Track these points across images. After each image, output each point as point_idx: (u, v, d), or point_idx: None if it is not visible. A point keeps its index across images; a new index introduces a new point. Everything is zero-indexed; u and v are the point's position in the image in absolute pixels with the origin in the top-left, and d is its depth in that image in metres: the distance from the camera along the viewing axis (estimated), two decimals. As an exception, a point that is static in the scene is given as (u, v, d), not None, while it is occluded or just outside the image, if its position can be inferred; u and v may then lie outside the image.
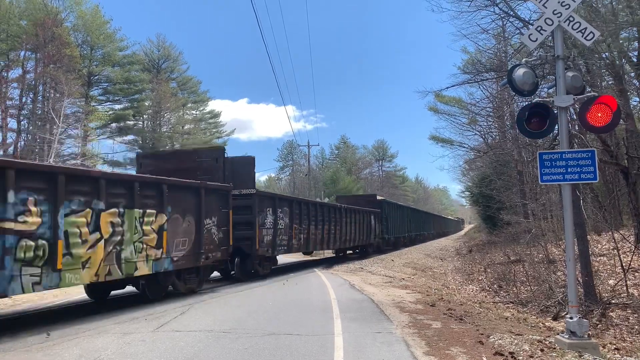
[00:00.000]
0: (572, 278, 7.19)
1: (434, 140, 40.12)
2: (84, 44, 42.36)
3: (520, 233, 23.36)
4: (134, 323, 8.22)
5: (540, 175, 7.45)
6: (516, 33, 17.80)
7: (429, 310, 9.70)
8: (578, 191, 12.12)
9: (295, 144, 71.29)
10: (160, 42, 53.55)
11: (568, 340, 6.69)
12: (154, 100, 48.48)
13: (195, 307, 9.87)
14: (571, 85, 7.36)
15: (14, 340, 7.07)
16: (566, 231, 7.37)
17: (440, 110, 36.27)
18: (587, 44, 7.68)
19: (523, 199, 26.52)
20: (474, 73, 22.19)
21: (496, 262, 23.05)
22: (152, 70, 51.02)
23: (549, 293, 13.25)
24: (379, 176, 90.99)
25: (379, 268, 21.03)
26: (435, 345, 6.62)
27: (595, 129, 7.54)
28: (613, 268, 14.56)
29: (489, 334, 7.28)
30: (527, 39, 7.64)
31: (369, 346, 6.48)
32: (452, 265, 28.24)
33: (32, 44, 34.86)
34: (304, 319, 8.47)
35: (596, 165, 7.22)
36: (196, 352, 6.23)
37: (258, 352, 6.19)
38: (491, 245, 32.21)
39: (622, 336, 10.00)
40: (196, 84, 57.76)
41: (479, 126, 34.26)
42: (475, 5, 16.36)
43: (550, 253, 18.35)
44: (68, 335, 7.34)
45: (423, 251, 38.15)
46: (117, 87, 45.68)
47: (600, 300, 11.57)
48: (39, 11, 36.13)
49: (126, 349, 6.40)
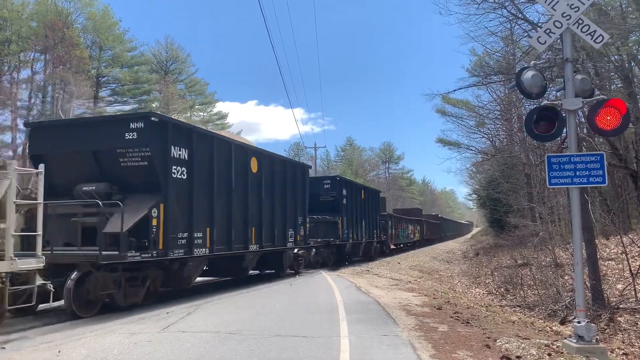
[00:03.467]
0: (580, 282, 7.14)
1: (441, 142, 40.05)
2: (93, 45, 42.67)
3: (528, 236, 23.23)
4: (140, 323, 8.26)
5: (549, 179, 7.41)
6: (524, 36, 17.76)
7: (435, 314, 9.66)
8: (586, 195, 12.05)
9: (302, 146, 71.39)
10: (169, 44, 53.79)
11: (576, 345, 6.64)
12: (161, 101, 48.71)
13: (201, 308, 9.90)
14: (580, 88, 7.32)
15: (21, 339, 7.12)
16: (574, 235, 7.33)
17: (448, 112, 36.18)
18: (596, 47, 7.66)
19: (530, 202, 26.38)
20: (482, 76, 22.17)
21: (503, 265, 22.93)
22: (160, 72, 51.27)
23: (556, 297, 13.17)
24: (386, 178, 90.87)
25: (385, 271, 20.99)
26: (442, 348, 6.60)
27: (604, 132, 7.50)
28: (621, 272, 14.44)
29: (496, 338, 7.24)
30: (536, 41, 7.61)
31: (375, 349, 6.47)
32: (458, 269, 28.14)
33: (41, 46, 35.16)
34: (310, 321, 8.47)
35: (605, 169, 7.18)
36: (202, 352, 6.25)
37: (264, 353, 6.20)
38: (498, 248, 32.06)
39: (631, 341, 9.91)
40: (204, 85, 58.01)
41: (486, 129, 34.16)
42: (484, 8, 16.34)
43: (557, 257, 18.23)
44: (75, 335, 7.38)
45: (429, 254, 38.04)
46: (125, 88, 45.95)
47: (608, 305, 11.48)
48: (49, 13, 36.45)
49: (133, 349, 6.43)
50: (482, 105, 30.35)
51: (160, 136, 10.53)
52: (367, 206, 26.41)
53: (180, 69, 54.90)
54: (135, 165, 10.35)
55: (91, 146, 10.54)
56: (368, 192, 27.48)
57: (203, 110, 58.64)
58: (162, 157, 10.54)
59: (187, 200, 11.28)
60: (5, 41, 34.65)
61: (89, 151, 10.53)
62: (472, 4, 16.60)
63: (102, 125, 10.92)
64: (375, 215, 28.16)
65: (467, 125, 34.80)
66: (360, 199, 25.22)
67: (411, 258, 31.49)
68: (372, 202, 27.62)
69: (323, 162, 74.86)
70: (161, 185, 10.42)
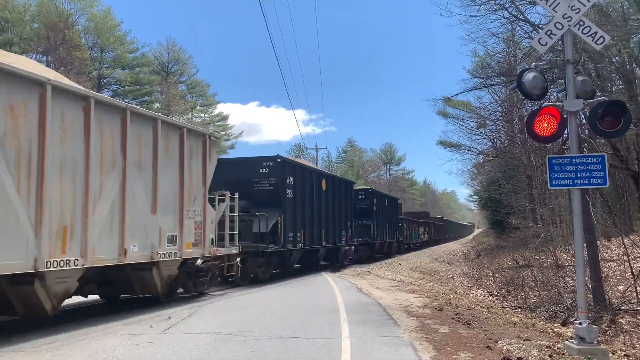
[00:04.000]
0: (582, 283, 7.14)
1: (442, 144, 39.97)
2: (94, 47, 42.74)
3: (529, 238, 23.22)
4: (142, 324, 8.26)
5: (550, 180, 7.41)
6: (526, 37, 17.79)
7: (436, 315, 9.66)
8: (587, 196, 12.04)
9: (303, 147, 71.41)
10: (170, 46, 53.86)
11: (577, 346, 6.64)
12: (162, 102, 48.77)
13: (203, 309, 9.90)
14: (581, 89, 7.32)
15: (23, 340, 7.13)
16: (575, 236, 7.32)
17: (449, 114, 36.08)
18: (598, 48, 7.66)
19: (532, 203, 26.36)
20: (484, 77, 22.16)
21: (504, 266, 22.90)
22: (161, 73, 51.33)
23: (557, 298, 13.14)
24: (387, 179, 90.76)
25: (386, 272, 20.99)
26: (443, 349, 6.60)
27: (605, 133, 7.50)
28: (623, 274, 14.42)
29: (497, 339, 7.24)
30: (537, 43, 7.62)
31: (376, 350, 6.47)
32: (459, 270, 28.11)
33: (43, 47, 35.22)
34: (311, 322, 8.47)
35: (606, 170, 7.17)
36: (203, 354, 6.25)
37: (265, 354, 6.20)
38: (499, 249, 32.02)
39: (632, 343, 9.89)
40: (205, 87, 58.02)
41: (487, 130, 34.09)
42: (485, 9, 16.36)
43: (559, 258, 18.20)
44: (77, 336, 7.39)
45: (431, 255, 38.01)
46: (127, 89, 46.01)
47: (609, 306, 11.46)
48: (51, 14, 36.52)
49: (134, 350, 6.44)
50: (484, 106, 30.40)
51: (281, 170, 16.16)
52: (389, 212, 31.47)
53: (182, 71, 54.97)
54: (264, 189, 16.00)
55: (235, 177, 15.63)
56: (389, 199, 33.15)
57: (204, 112, 58.67)
58: (282, 184, 16.05)
59: (293, 212, 16.68)
60: (7, 43, 34.73)
61: (234, 180, 15.20)
62: (473, 6, 16.65)
63: (245, 163, 16.67)
64: (395, 219, 33.27)
65: (469, 126, 34.75)
66: (384, 205, 30.22)
67: (412, 259, 31.48)
68: (393, 208, 33.03)
69: (324, 163, 74.89)
70: (281, 202, 15.91)
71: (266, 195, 15.82)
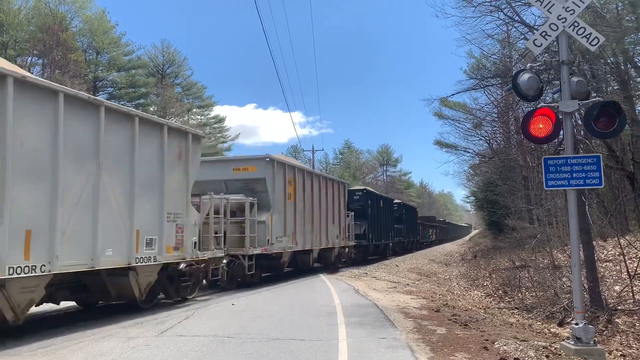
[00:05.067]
0: (578, 284, 7.16)
1: (438, 145, 40.09)
2: (89, 49, 42.65)
3: (526, 238, 23.24)
4: (138, 327, 8.24)
5: (545, 181, 7.43)
6: (521, 38, 17.86)
7: (433, 316, 9.67)
8: (583, 197, 12.08)
9: (300, 149, 71.43)
10: (165, 48, 53.80)
11: (574, 347, 6.65)
12: (159, 105, 48.70)
13: (199, 312, 9.88)
14: (576, 90, 7.35)
15: (20, 344, 7.09)
16: (572, 237, 7.35)
17: (445, 115, 36.15)
18: (592, 49, 7.68)
19: (528, 204, 26.42)
20: (479, 79, 22.20)
21: (501, 267, 22.93)
22: (156, 75, 51.25)
23: (554, 299, 13.16)
24: (384, 181, 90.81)
25: (383, 273, 20.98)
26: (440, 350, 6.60)
27: (601, 134, 7.53)
28: (619, 274, 14.45)
29: (494, 340, 7.24)
30: (532, 44, 7.64)
31: (373, 351, 6.47)
32: (456, 271, 28.14)
33: (38, 50, 35.11)
34: (309, 324, 8.46)
35: (601, 171, 7.20)
36: (200, 356, 6.24)
37: (262, 357, 6.19)
38: (496, 250, 32.04)
39: (629, 343, 9.91)
40: (201, 89, 58.03)
41: (484, 131, 34.18)
42: (480, 11, 16.41)
43: (555, 259, 18.23)
44: (73, 339, 7.35)
45: (427, 256, 38.04)
46: (122, 92, 45.93)
47: (606, 307, 11.49)
48: (46, 17, 36.42)
49: (130, 353, 6.41)
50: (480, 107, 30.44)
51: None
52: (409, 217, 40.52)
53: (177, 72, 54.93)
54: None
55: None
56: (409, 208, 43.46)
57: (200, 114, 58.64)
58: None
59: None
60: (2, 46, 34.62)
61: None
62: (468, 7, 16.70)
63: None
64: (413, 224, 42.41)
65: (465, 127, 34.84)
66: (404, 212, 38.19)
67: (409, 261, 31.49)
68: (412, 215, 43.12)
69: (321, 165, 74.90)
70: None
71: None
